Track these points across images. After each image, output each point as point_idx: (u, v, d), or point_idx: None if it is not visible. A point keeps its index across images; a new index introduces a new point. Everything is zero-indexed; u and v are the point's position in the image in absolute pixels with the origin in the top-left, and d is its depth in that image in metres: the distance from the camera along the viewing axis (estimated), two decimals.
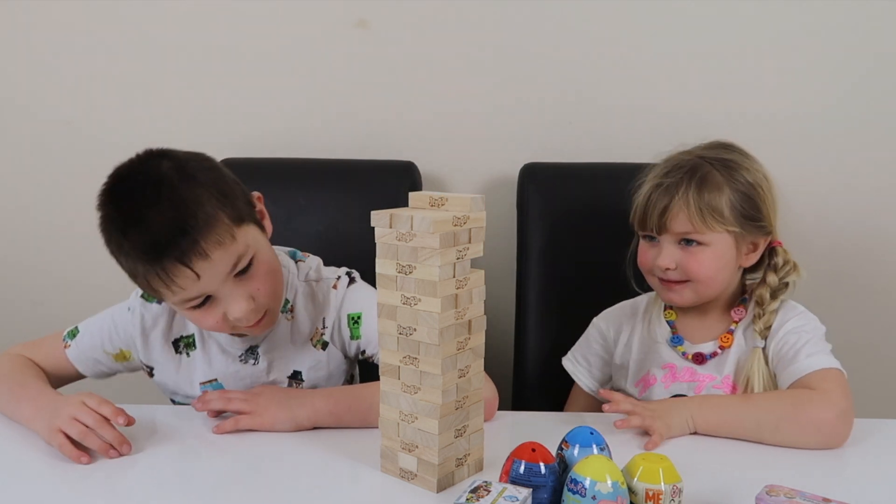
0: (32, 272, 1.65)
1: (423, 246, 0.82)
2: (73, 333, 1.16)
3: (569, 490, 0.77)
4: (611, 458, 0.83)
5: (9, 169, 1.62)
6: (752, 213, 1.13)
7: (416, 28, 1.54)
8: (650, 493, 0.77)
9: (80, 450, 0.94)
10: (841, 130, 1.54)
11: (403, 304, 0.85)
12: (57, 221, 1.63)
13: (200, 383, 1.14)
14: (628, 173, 1.48)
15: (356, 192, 1.47)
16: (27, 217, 1.63)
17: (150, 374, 1.16)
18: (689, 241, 1.12)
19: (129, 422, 0.97)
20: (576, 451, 0.83)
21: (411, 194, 0.90)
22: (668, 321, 1.22)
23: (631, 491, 0.78)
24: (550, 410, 1.31)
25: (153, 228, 0.95)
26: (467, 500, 0.75)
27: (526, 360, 1.45)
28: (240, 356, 1.14)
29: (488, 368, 0.91)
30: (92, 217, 1.60)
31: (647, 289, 1.26)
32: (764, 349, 1.13)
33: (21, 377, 1.09)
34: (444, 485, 0.87)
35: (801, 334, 1.10)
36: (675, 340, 1.20)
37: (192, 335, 1.15)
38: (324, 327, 1.15)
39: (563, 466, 0.83)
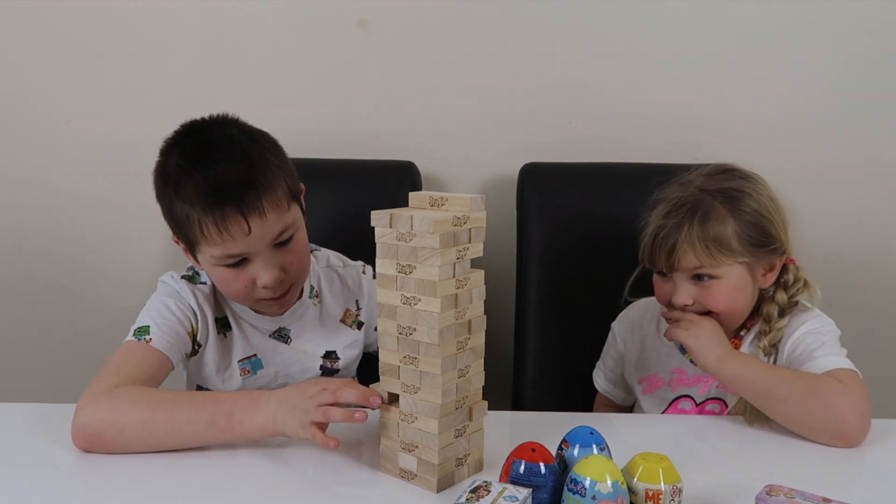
0: (32, 272, 1.65)
1: (423, 246, 0.82)
2: (142, 330, 1.07)
3: (569, 490, 0.77)
4: (611, 458, 0.83)
5: (8, 169, 1.62)
6: (762, 238, 1.11)
7: (416, 28, 1.54)
8: (650, 493, 0.77)
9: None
10: (843, 129, 1.54)
11: (403, 303, 0.85)
12: (56, 221, 1.63)
13: (239, 361, 1.17)
14: (628, 173, 1.49)
15: (356, 192, 1.47)
16: (26, 217, 1.63)
17: (194, 354, 1.15)
18: (700, 277, 1.10)
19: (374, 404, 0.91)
20: (576, 451, 0.83)
21: (411, 194, 0.90)
22: None
23: (631, 491, 0.78)
24: (550, 410, 1.32)
25: (221, 176, 1.01)
26: (467, 500, 0.75)
27: (526, 360, 1.45)
28: (270, 335, 1.19)
29: (488, 368, 0.91)
30: (92, 217, 1.62)
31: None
32: (776, 355, 1.12)
33: (187, 395, 1.01)
34: (444, 485, 0.87)
35: (817, 336, 1.09)
36: (683, 347, 1.18)
37: (226, 316, 1.17)
38: (358, 309, 1.25)
39: (563, 466, 0.83)
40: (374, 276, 1.19)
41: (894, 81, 1.53)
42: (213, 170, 1.02)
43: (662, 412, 1.19)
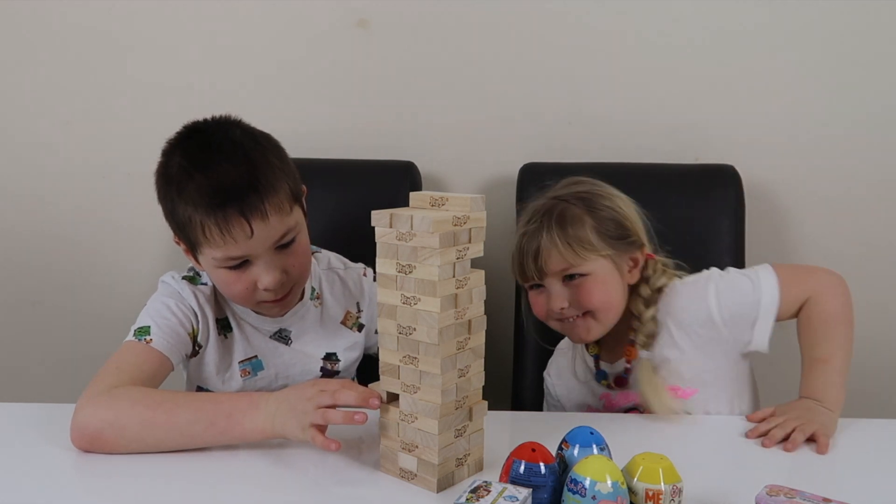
0: (32, 272, 1.65)
1: (422, 245, 0.82)
2: (142, 331, 1.07)
3: (569, 490, 0.76)
4: (611, 458, 0.83)
5: (8, 169, 1.62)
6: (620, 232, 1.16)
7: (416, 28, 1.54)
8: (650, 493, 0.77)
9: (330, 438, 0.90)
10: (843, 129, 1.54)
11: (403, 303, 0.85)
12: (56, 221, 1.63)
13: (239, 362, 1.17)
14: (628, 173, 1.49)
15: (356, 192, 1.47)
16: (26, 217, 1.63)
17: (194, 354, 1.15)
18: (571, 277, 1.14)
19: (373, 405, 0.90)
20: (576, 451, 0.83)
21: (412, 194, 0.90)
22: (593, 355, 1.24)
23: (631, 491, 0.78)
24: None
25: (224, 178, 1.01)
26: (467, 500, 0.75)
27: (526, 360, 1.45)
28: (271, 336, 1.19)
29: (488, 368, 0.91)
30: (91, 217, 1.62)
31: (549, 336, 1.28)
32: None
33: (186, 396, 1.01)
34: (444, 485, 0.87)
35: (727, 288, 1.12)
36: (599, 376, 1.22)
37: (227, 317, 1.17)
38: (359, 311, 1.25)
39: (563, 466, 0.82)
40: (375, 279, 1.20)
41: (894, 80, 1.52)
42: (216, 171, 1.02)
43: None
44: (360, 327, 1.25)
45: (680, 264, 1.20)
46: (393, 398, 0.90)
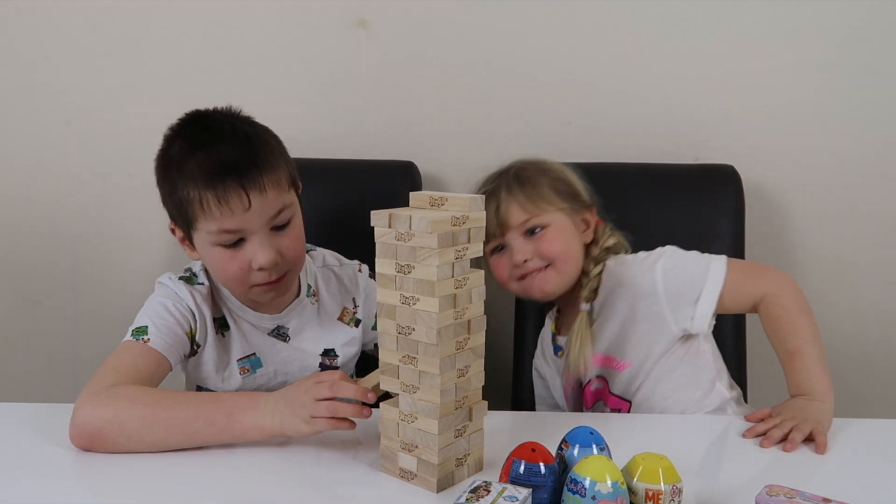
0: (32, 272, 1.65)
1: (421, 245, 0.82)
2: (140, 331, 1.07)
3: (569, 490, 0.76)
4: (611, 458, 0.83)
5: (8, 169, 1.62)
6: (571, 191, 1.25)
7: (416, 28, 1.54)
8: (650, 493, 0.77)
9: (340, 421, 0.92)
10: (842, 128, 1.54)
11: (402, 303, 0.85)
12: (56, 221, 1.63)
13: (238, 360, 1.17)
14: (628, 173, 1.49)
15: (356, 192, 1.47)
16: (26, 217, 1.63)
17: (193, 354, 1.15)
18: (531, 231, 1.20)
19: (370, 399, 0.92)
20: (576, 451, 0.83)
21: (412, 194, 0.90)
22: (553, 333, 1.30)
23: (631, 491, 0.78)
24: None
25: (224, 154, 1.04)
26: (467, 500, 0.75)
27: (526, 360, 1.45)
28: (268, 333, 1.19)
29: (488, 368, 0.91)
30: (91, 218, 1.62)
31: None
32: (594, 311, 1.21)
33: (186, 394, 1.04)
34: (443, 485, 0.87)
35: (672, 268, 1.16)
36: (556, 349, 1.29)
37: (224, 316, 1.17)
38: (355, 307, 1.25)
39: (562, 466, 0.82)
40: (371, 275, 1.20)
41: (894, 80, 1.52)
42: (217, 149, 1.04)
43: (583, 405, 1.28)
44: (357, 323, 1.25)
45: (627, 235, 1.27)
46: (392, 397, 0.90)
